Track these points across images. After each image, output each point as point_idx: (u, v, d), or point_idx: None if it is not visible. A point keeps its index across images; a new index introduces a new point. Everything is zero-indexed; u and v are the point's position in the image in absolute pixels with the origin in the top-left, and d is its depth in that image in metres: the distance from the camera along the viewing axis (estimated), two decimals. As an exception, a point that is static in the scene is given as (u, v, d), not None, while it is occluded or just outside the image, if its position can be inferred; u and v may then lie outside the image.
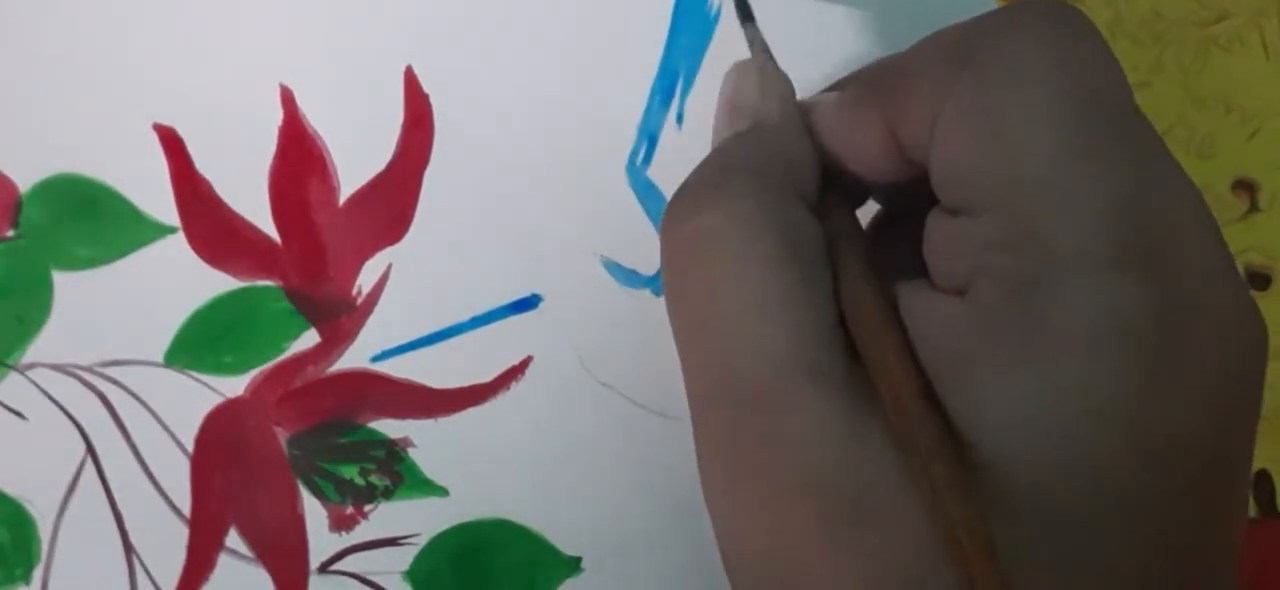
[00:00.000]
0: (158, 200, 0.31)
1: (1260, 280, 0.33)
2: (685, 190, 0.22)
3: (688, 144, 0.32)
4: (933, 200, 0.21)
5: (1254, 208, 0.33)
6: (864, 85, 0.23)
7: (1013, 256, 0.18)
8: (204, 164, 0.32)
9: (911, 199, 0.22)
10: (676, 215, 0.21)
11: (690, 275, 0.21)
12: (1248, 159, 0.33)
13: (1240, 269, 0.33)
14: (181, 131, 0.31)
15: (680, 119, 0.32)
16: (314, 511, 0.31)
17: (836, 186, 0.22)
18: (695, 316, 0.21)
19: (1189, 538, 0.18)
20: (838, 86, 0.24)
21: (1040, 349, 0.18)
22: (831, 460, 0.19)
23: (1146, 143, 0.20)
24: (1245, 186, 0.33)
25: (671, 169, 0.32)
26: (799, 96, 0.24)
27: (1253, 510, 0.32)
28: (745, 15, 0.28)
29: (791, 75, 0.25)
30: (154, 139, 0.31)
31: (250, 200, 0.32)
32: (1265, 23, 0.33)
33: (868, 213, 0.25)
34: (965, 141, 0.19)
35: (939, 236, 0.20)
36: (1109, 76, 0.20)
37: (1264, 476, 0.32)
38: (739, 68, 0.25)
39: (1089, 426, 0.18)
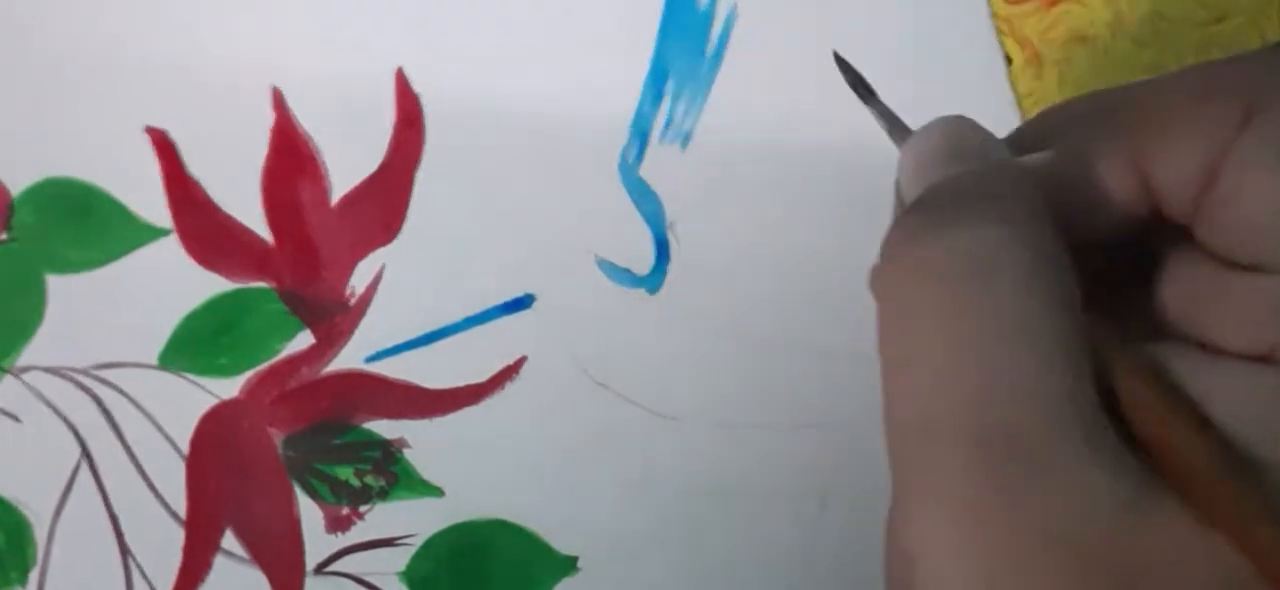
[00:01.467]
0: (150, 203, 0.31)
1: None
2: (925, 209, 0.19)
3: (678, 147, 0.32)
4: (1140, 253, 0.20)
5: (1253, 207, 0.33)
6: (1104, 123, 0.20)
7: None
8: (196, 166, 0.31)
9: (1124, 250, 0.20)
10: (932, 227, 0.19)
11: (946, 295, 0.18)
12: (1247, 158, 0.33)
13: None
14: (173, 134, 0.31)
15: (668, 125, 0.32)
16: (310, 512, 0.31)
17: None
18: (948, 342, 0.18)
19: None
20: (1045, 132, 0.22)
21: None
22: (1115, 530, 0.17)
23: None
24: (1244, 186, 0.33)
25: (664, 168, 0.32)
26: None
27: None
28: (866, 93, 0.24)
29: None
30: (146, 142, 0.31)
31: (243, 202, 0.31)
32: (1265, 23, 0.33)
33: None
34: (1265, 194, 0.18)
35: (1224, 296, 0.19)
36: None
37: None
38: (951, 119, 0.21)
39: None
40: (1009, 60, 0.32)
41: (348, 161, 0.32)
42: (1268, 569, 0.16)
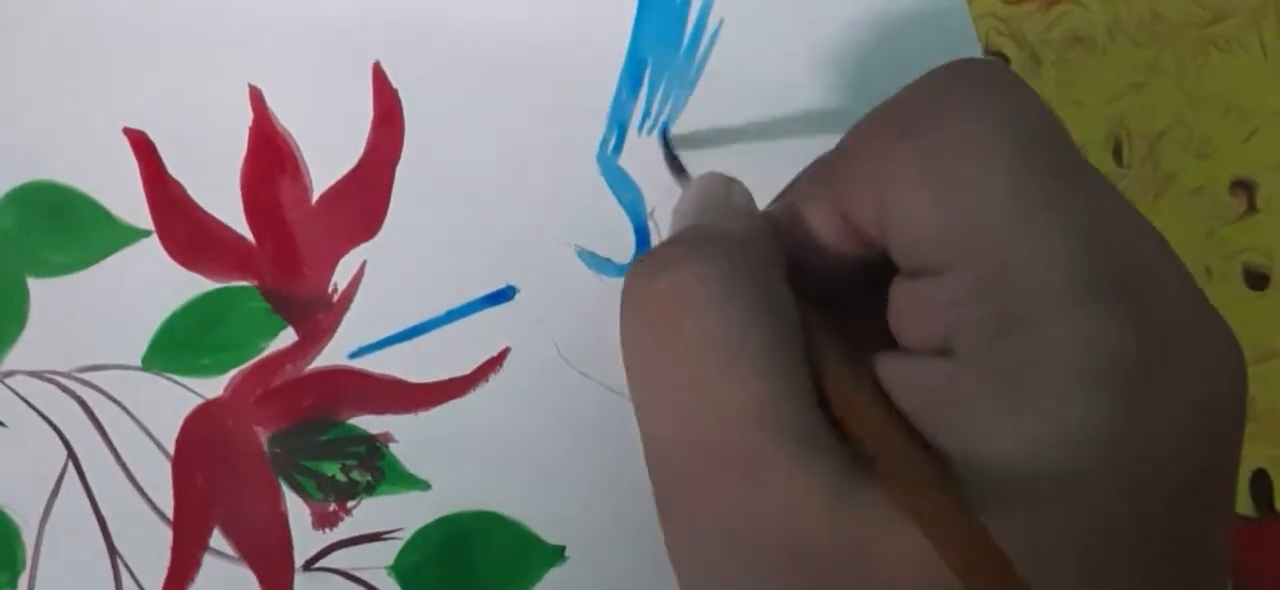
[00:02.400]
0: (130, 204, 0.31)
1: (1258, 280, 0.33)
2: (655, 252, 0.22)
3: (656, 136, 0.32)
4: (882, 281, 0.21)
5: (1252, 208, 0.33)
6: (810, 178, 0.23)
7: (987, 305, 0.19)
8: (175, 167, 0.31)
9: (864, 283, 0.22)
10: (650, 270, 0.21)
11: (661, 331, 0.20)
12: (1246, 159, 0.33)
13: (1238, 269, 0.33)
14: (152, 135, 0.31)
15: (646, 115, 0.32)
16: (297, 509, 0.32)
17: (796, 281, 0.23)
18: (666, 371, 0.20)
19: (1181, 552, 0.19)
20: (785, 190, 0.24)
21: (1031, 388, 0.18)
22: (821, 525, 0.18)
23: (1097, 181, 0.20)
24: (1243, 187, 0.33)
25: (643, 157, 0.32)
26: None
27: (1251, 510, 0.32)
28: (678, 170, 0.29)
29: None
30: (125, 143, 0.31)
31: (223, 201, 0.31)
32: (1263, 23, 0.33)
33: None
34: (921, 205, 0.20)
35: (906, 302, 0.20)
36: (1047, 121, 0.20)
37: (1263, 476, 0.32)
38: (704, 177, 0.25)
39: (1083, 458, 0.18)
40: (1007, 61, 0.32)
41: (327, 158, 0.32)
42: (945, 554, 0.17)
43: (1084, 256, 0.18)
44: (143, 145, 0.31)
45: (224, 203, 0.31)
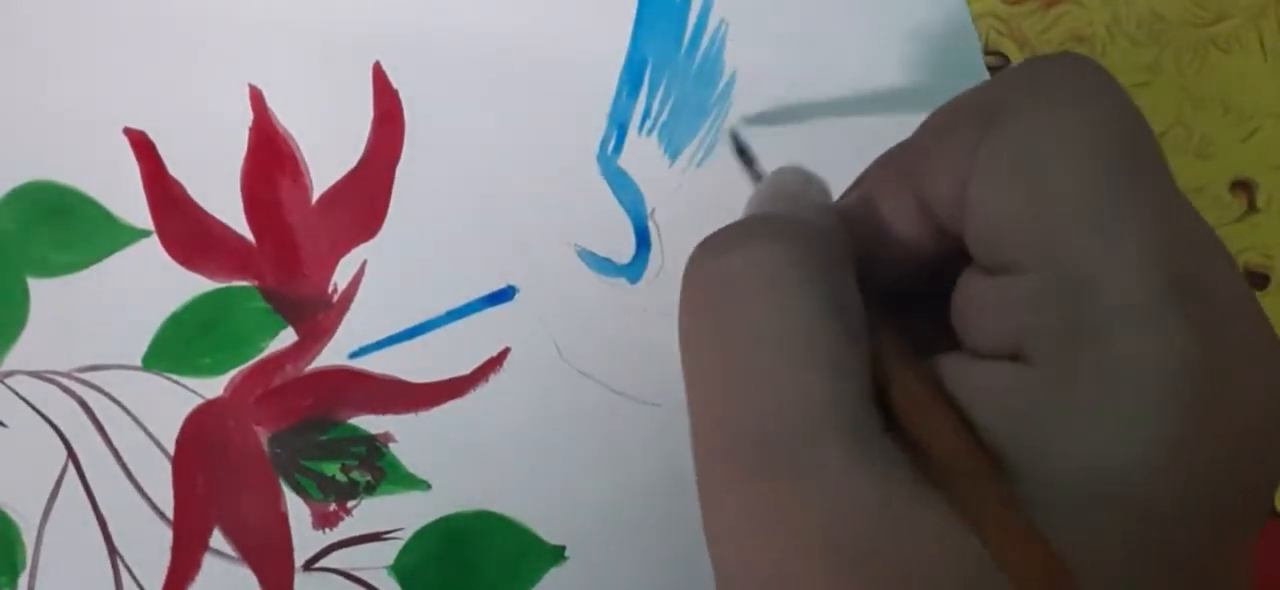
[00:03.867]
0: (130, 204, 0.31)
1: (1259, 280, 0.33)
2: (721, 232, 0.21)
3: (656, 136, 0.32)
4: (943, 281, 0.21)
5: (1252, 208, 0.33)
6: (889, 165, 0.22)
7: (1063, 309, 0.19)
8: (176, 167, 0.31)
9: (936, 279, 0.22)
10: (711, 252, 0.20)
11: (722, 312, 0.20)
12: (1246, 159, 0.33)
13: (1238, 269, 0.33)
14: (152, 135, 0.31)
15: (646, 115, 0.32)
16: (297, 509, 0.32)
17: (866, 276, 0.22)
18: (726, 354, 0.20)
19: (1223, 567, 0.19)
20: (859, 181, 0.24)
21: (1102, 402, 0.18)
22: (874, 528, 0.18)
23: (1172, 188, 0.20)
24: (1243, 187, 0.33)
25: (643, 157, 0.32)
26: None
27: None
28: (747, 160, 0.28)
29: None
30: (125, 143, 0.31)
31: (223, 201, 0.32)
32: (1263, 23, 0.33)
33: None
34: (1002, 199, 0.19)
35: (978, 299, 0.20)
36: (1135, 124, 0.20)
37: None
38: (782, 169, 0.24)
39: (1149, 473, 0.18)
40: (1006, 61, 0.32)
41: (327, 158, 0.32)
42: (1005, 562, 0.17)
43: (1161, 269, 0.18)
44: (143, 145, 0.31)
45: (224, 203, 0.31)
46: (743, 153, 0.29)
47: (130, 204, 0.31)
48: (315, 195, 0.32)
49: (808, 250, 0.20)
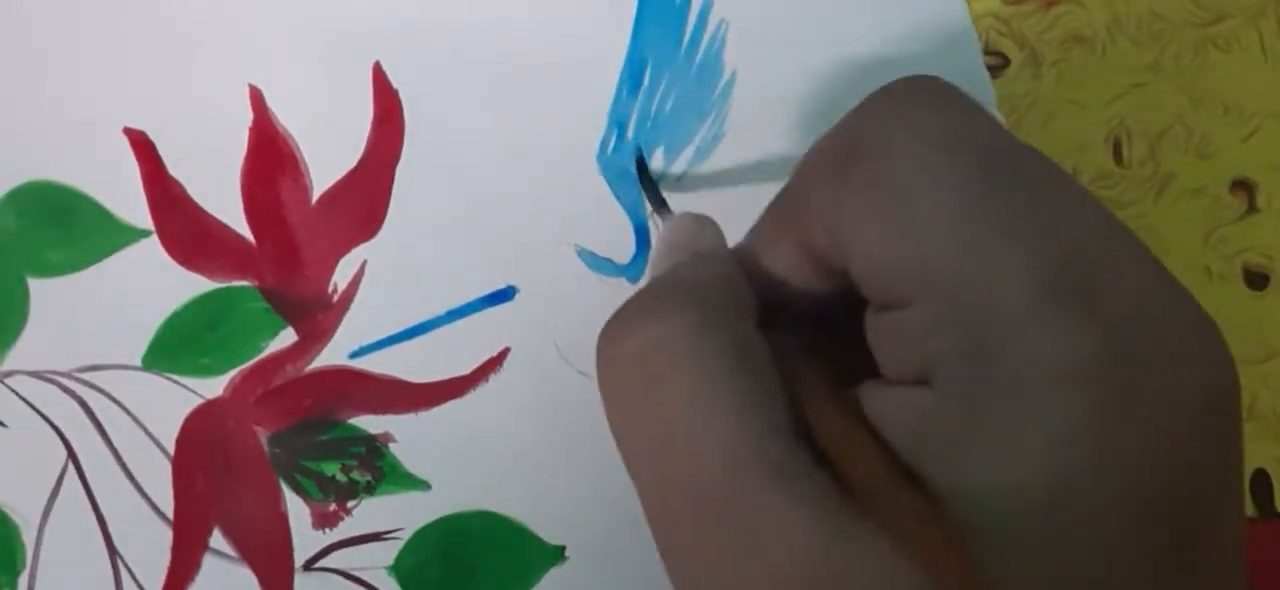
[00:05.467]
0: (131, 204, 0.31)
1: (1258, 280, 0.33)
2: (624, 311, 0.22)
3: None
4: (861, 306, 0.21)
5: (1252, 208, 0.33)
6: (773, 215, 0.23)
7: (957, 332, 0.19)
8: (176, 167, 0.32)
9: (851, 302, 0.22)
10: (618, 333, 0.21)
11: (637, 390, 0.21)
12: (1246, 159, 0.33)
13: (1238, 269, 0.33)
14: (152, 135, 0.31)
15: (645, 117, 0.32)
16: (297, 509, 0.32)
17: (775, 317, 0.23)
18: (648, 431, 0.21)
19: (1189, 556, 0.18)
20: (755, 226, 0.24)
21: (1005, 411, 0.18)
22: (811, 563, 0.18)
23: (1051, 183, 0.20)
24: (1243, 186, 0.33)
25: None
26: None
27: (1251, 510, 0.32)
28: (658, 204, 0.29)
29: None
30: (125, 143, 0.31)
31: (223, 201, 0.32)
32: (1263, 23, 0.33)
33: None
34: (874, 241, 0.20)
35: (881, 334, 0.20)
36: (990, 131, 0.20)
37: (1262, 476, 0.32)
38: (675, 218, 0.25)
39: (1067, 475, 0.18)
40: (1006, 61, 0.32)
41: (327, 159, 0.32)
42: (930, 579, 0.18)
43: (1040, 268, 0.18)
44: (143, 145, 0.31)
45: (224, 203, 0.31)
46: (649, 185, 0.30)
47: (130, 204, 0.31)
48: (315, 195, 0.32)
49: (703, 311, 0.20)
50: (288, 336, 0.32)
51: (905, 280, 0.19)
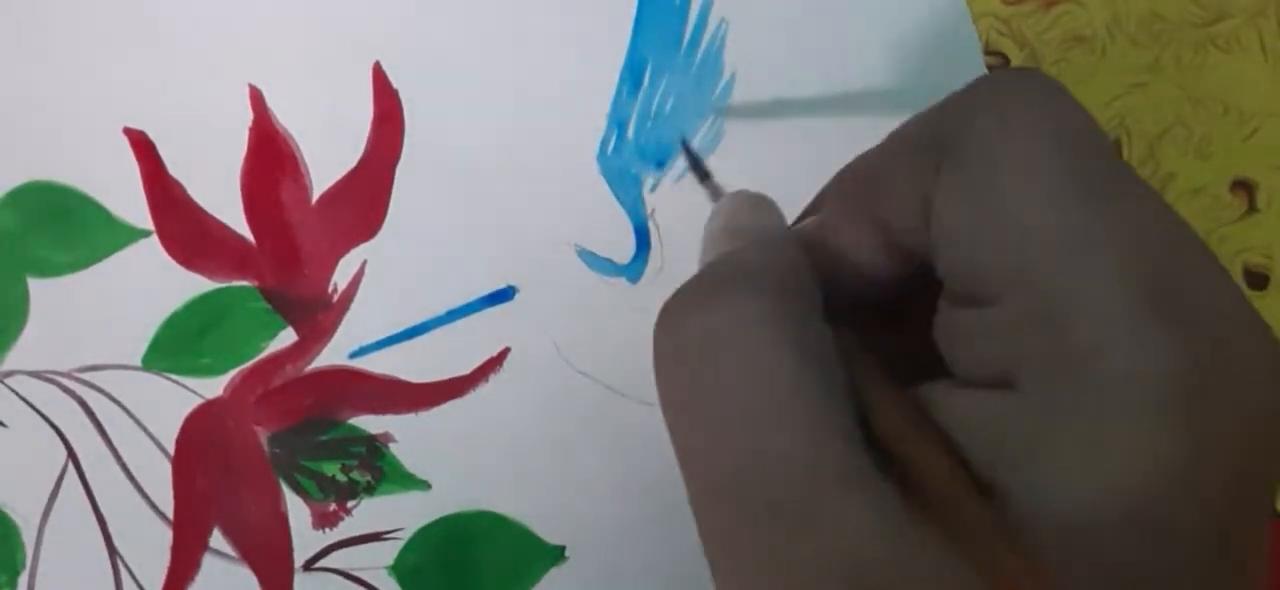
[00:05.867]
0: (130, 204, 0.31)
1: (1258, 280, 0.33)
2: (688, 290, 0.21)
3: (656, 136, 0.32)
4: (926, 291, 0.21)
5: (1252, 208, 0.33)
6: (847, 192, 0.22)
7: (1043, 336, 0.18)
8: (176, 166, 0.31)
9: (907, 294, 0.22)
10: (681, 313, 0.20)
11: (700, 377, 0.20)
12: (1246, 159, 0.33)
13: (1238, 269, 0.33)
14: (152, 135, 0.31)
15: (645, 117, 0.32)
16: (297, 509, 0.32)
17: (834, 300, 0.22)
18: (705, 422, 0.20)
19: (1230, 572, 0.19)
20: (816, 202, 0.24)
21: (1088, 423, 0.18)
22: (877, 565, 0.18)
23: (1141, 191, 0.19)
24: (1243, 186, 0.33)
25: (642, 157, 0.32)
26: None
27: None
28: (702, 175, 0.28)
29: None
30: (125, 143, 0.31)
31: (223, 201, 0.32)
32: (1263, 23, 0.33)
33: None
34: (968, 233, 0.19)
35: (958, 330, 0.20)
36: (1090, 131, 0.20)
37: None
38: (732, 196, 0.25)
39: (1149, 488, 0.18)
40: (1006, 61, 0.32)
41: (327, 159, 0.32)
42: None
43: (1135, 283, 0.18)
44: (143, 145, 0.31)
45: (224, 203, 0.31)
46: (696, 164, 0.29)
47: (130, 204, 0.31)
48: (315, 195, 0.32)
49: (771, 298, 0.20)
50: (288, 336, 0.32)
51: (994, 277, 0.19)
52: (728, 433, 0.19)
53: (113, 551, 0.31)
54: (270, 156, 0.31)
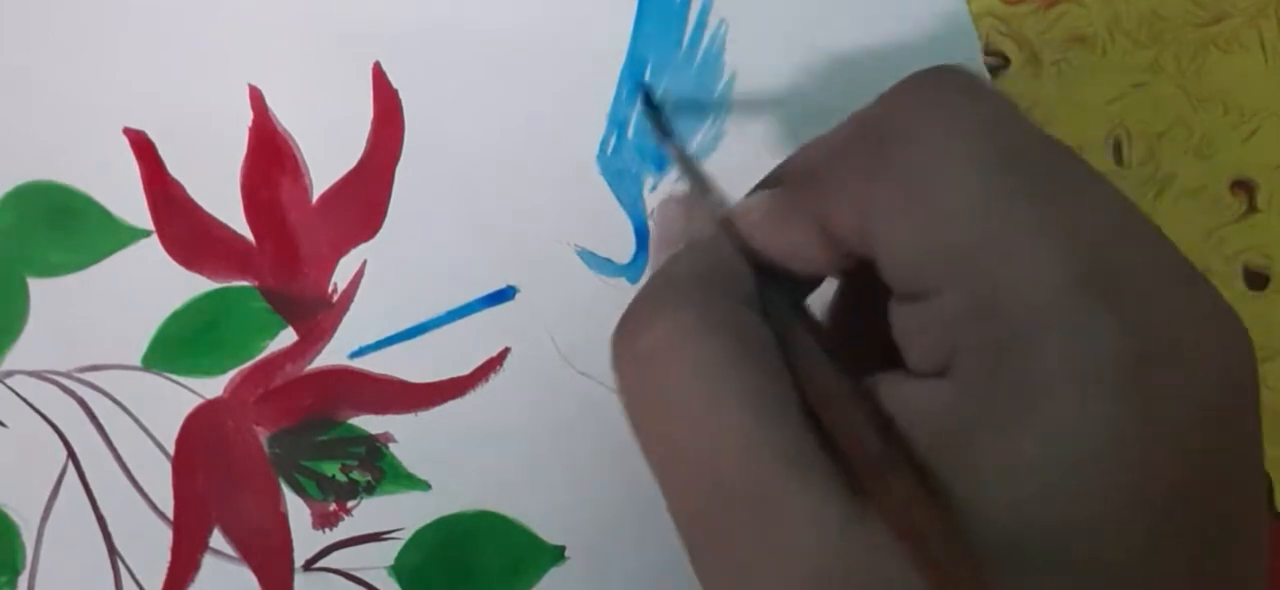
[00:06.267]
0: (130, 204, 0.31)
1: (1258, 280, 0.33)
2: (629, 314, 0.22)
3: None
4: (874, 280, 0.21)
5: (1252, 208, 0.33)
6: (787, 186, 0.23)
7: (982, 325, 0.19)
8: (175, 167, 0.31)
9: (857, 282, 0.22)
10: (624, 339, 0.22)
11: (648, 392, 0.21)
12: (1246, 159, 0.33)
13: (1238, 269, 0.33)
14: (152, 135, 0.31)
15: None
16: (297, 509, 0.32)
17: (777, 285, 0.23)
18: (662, 432, 0.21)
19: (1197, 564, 0.18)
20: (761, 186, 0.24)
21: (1030, 407, 0.18)
22: (830, 551, 0.18)
23: (1079, 178, 0.20)
24: (1243, 186, 0.33)
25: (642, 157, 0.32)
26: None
27: None
28: (664, 132, 0.29)
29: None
30: (125, 143, 0.31)
31: (223, 201, 0.32)
32: (1263, 23, 0.33)
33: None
34: (905, 229, 0.20)
35: (905, 323, 0.20)
36: (1020, 124, 0.20)
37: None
38: (662, 204, 0.25)
39: (1085, 473, 0.18)
40: (1007, 61, 0.32)
41: (327, 159, 0.32)
42: (929, 578, 0.18)
43: (1068, 264, 0.18)
44: (143, 145, 0.31)
45: (224, 203, 0.31)
46: (656, 116, 0.30)
47: (130, 204, 0.31)
48: (315, 195, 0.32)
49: (705, 306, 0.21)
50: (288, 336, 0.32)
51: (932, 271, 0.19)
52: (681, 439, 0.20)
53: (113, 551, 0.31)
54: (270, 156, 0.31)
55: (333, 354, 0.32)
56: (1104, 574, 0.18)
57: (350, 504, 0.32)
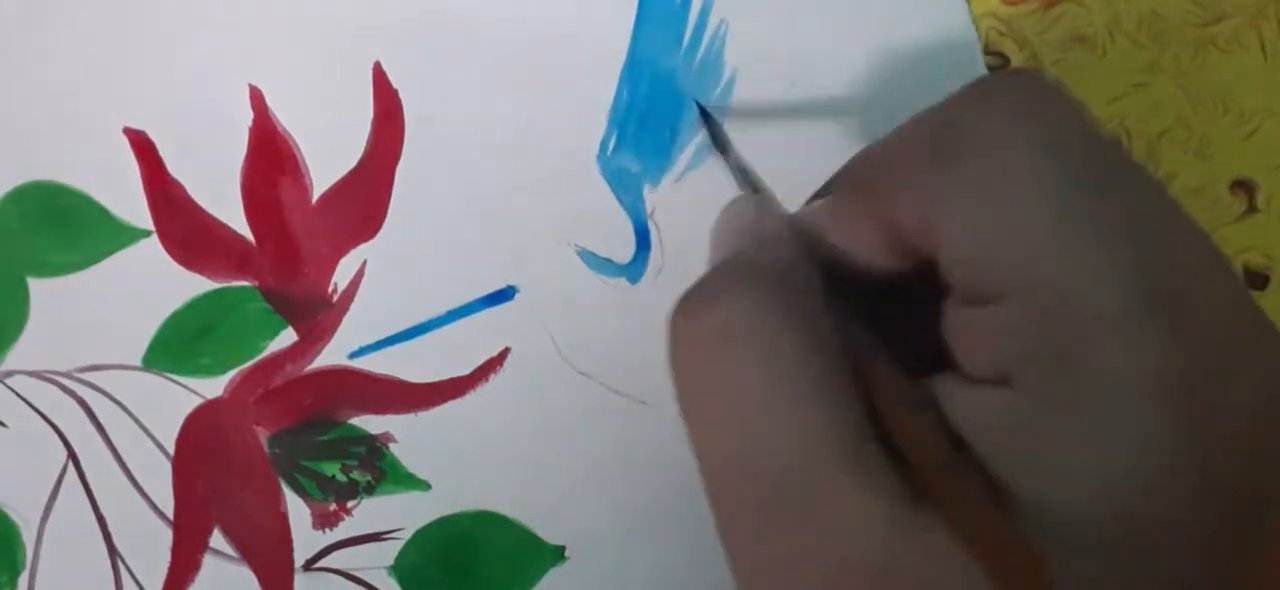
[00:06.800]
0: (130, 204, 0.31)
1: (1259, 280, 0.33)
2: (699, 286, 0.22)
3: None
4: (933, 283, 0.21)
5: (1252, 208, 0.33)
6: (853, 187, 0.23)
7: (1044, 335, 0.19)
8: (176, 167, 0.31)
9: (913, 285, 0.22)
10: (693, 309, 0.21)
11: (712, 369, 0.20)
12: (1246, 159, 0.33)
13: (1238, 269, 0.33)
14: (152, 135, 0.31)
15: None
16: (297, 509, 0.32)
17: (843, 286, 0.22)
18: (720, 411, 0.20)
19: (1235, 568, 0.19)
20: (822, 192, 0.24)
21: (1089, 420, 0.18)
22: (886, 553, 0.18)
23: (1144, 190, 0.20)
24: (1243, 186, 0.33)
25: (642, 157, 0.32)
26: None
27: None
28: (722, 147, 0.29)
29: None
30: (125, 143, 0.31)
31: (223, 201, 0.32)
32: (1263, 23, 0.33)
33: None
34: (971, 234, 0.20)
35: (965, 328, 0.20)
36: (1090, 130, 0.20)
37: None
38: (735, 202, 0.25)
39: (1143, 484, 0.18)
40: (1006, 61, 0.32)
41: (327, 158, 0.32)
42: (994, 577, 0.18)
43: (1134, 279, 0.18)
44: (143, 145, 0.31)
45: (224, 203, 0.31)
46: (713, 129, 0.30)
47: (130, 204, 0.31)
48: (315, 195, 0.32)
49: (779, 293, 0.20)
50: (288, 336, 0.32)
51: (997, 277, 0.19)
52: (741, 419, 0.20)
53: (113, 551, 0.31)
54: (270, 156, 0.31)
55: (333, 354, 0.32)
56: (1165, 573, 0.18)
57: (350, 504, 0.32)
